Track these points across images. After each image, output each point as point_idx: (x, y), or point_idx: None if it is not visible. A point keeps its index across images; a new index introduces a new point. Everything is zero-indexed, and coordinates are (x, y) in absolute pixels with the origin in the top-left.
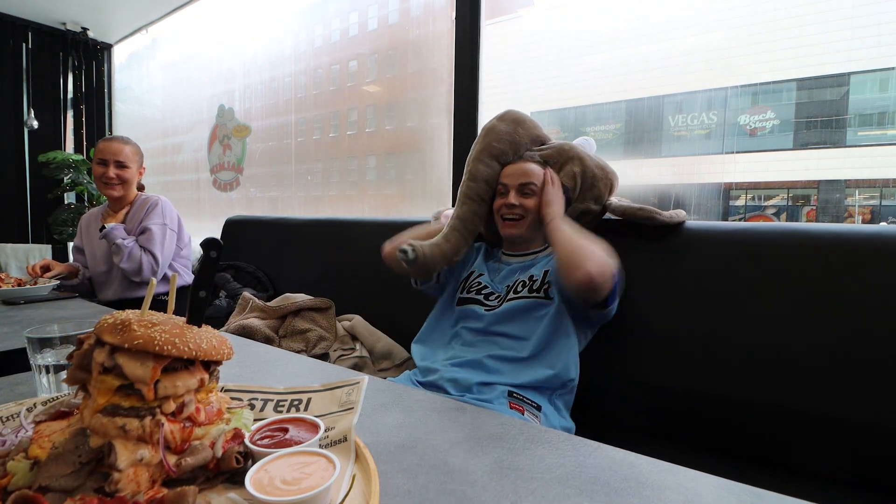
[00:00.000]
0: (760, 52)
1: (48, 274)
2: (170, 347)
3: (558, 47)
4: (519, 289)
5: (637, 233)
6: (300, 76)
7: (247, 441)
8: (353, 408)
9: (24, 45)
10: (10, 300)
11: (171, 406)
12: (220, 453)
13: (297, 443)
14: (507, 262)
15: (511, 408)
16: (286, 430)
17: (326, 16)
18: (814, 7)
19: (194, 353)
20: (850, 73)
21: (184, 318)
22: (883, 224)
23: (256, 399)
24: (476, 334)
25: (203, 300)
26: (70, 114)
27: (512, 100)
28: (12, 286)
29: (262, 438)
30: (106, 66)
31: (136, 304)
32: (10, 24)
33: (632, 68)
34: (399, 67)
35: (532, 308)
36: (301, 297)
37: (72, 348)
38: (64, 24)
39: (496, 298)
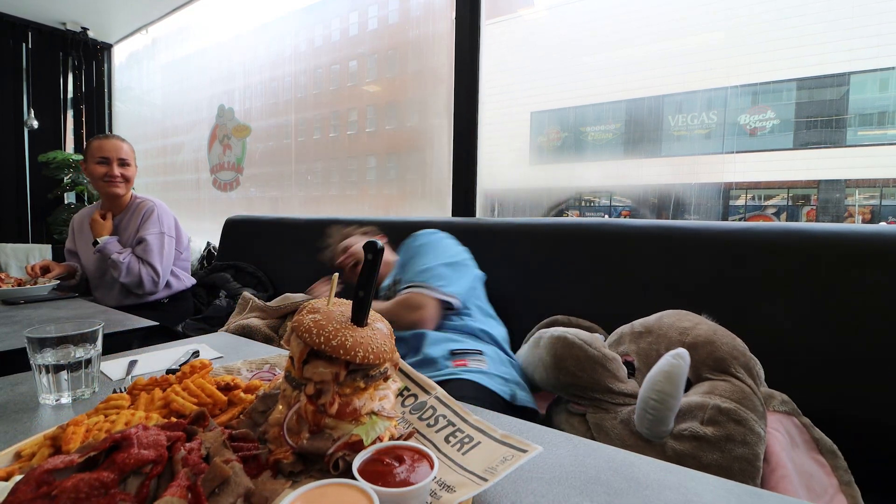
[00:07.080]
0: (760, 52)
1: (47, 275)
2: (306, 334)
3: (558, 47)
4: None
5: (637, 232)
6: (300, 76)
7: (354, 468)
8: (487, 479)
9: (24, 45)
10: (10, 300)
11: (310, 389)
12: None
13: (399, 483)
14: None
15: (456, 366)
16: (401, 461)
17: (326, 16)
18: (814, 7)
19: (321, 345)
20: (850, 73)
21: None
22: (883, 224)
23: (444, 416)
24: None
25: (362, 299)
26: (70, 114)
27: (512, 100)
28: (12, 286)
29: (373, 461)
30: (106, 66)
31: (136, 310)
32: (10, 24)
33: (632, 68)
34: (399, 67)
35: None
36: (301, 297)
37: (71, 348)
38: (64, 24)
39: None
